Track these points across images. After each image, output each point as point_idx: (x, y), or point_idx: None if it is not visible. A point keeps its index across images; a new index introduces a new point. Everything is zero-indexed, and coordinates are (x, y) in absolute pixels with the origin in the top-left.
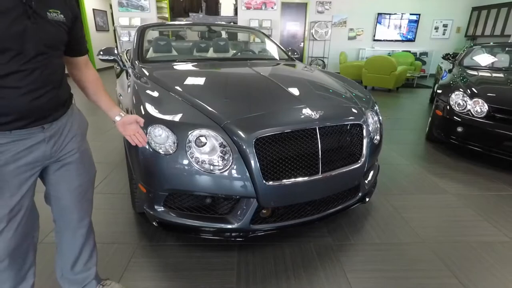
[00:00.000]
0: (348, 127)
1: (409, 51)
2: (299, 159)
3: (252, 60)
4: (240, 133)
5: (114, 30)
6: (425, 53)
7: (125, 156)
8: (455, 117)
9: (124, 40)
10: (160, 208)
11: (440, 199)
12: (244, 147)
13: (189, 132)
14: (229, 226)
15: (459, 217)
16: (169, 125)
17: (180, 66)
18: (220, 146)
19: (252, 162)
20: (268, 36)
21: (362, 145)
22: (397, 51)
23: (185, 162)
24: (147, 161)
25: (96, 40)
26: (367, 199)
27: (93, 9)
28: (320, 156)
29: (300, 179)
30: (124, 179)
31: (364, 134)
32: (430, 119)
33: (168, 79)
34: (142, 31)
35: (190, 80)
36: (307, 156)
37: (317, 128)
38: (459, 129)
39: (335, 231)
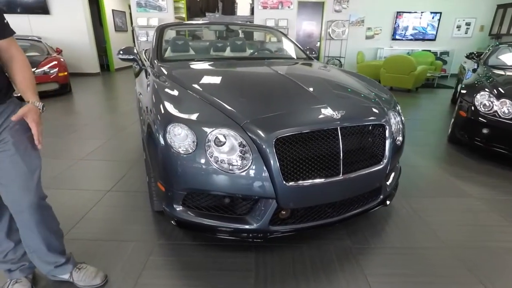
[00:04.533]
0: (370, 127)
1: (429, 51)
2: (319, 159)
3: (271, 59)
4: (260, 132)
5: (132, 30)
6: (446, 53)
7: (144, 154)
8: (480, 118)
9: (142, 40)
10: (179, 207)
11: (463, 203)
12: (264, 147)
13: (209, 131)
14: (248, 227)
15: (483, 221)
16: (189, 124)
17: (199, 65)
18: (239, 146)
19: (272, 162)
20: (286, 35)
21: (384, 146)
22: (416, 51)
23: (204, 161)
24: (166, 160)
25: (115, 40)
26: (388, 202)
27: (113, 10)
28: (341, 157)
29: (320, 180)
30: (141, 177)
31: (387, 134)
32: (452, 120)
33: (187, 78)
34: (161, 30)
35: (208, 79)
36: (327, 157)
37: (338, 128)
38: (485, 130)
39: (354, 234)
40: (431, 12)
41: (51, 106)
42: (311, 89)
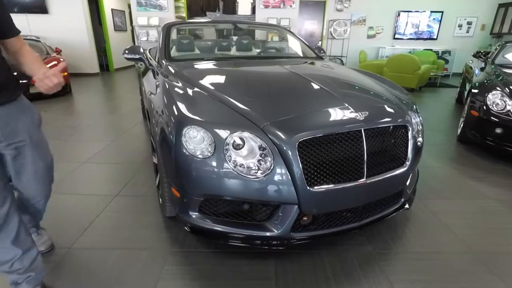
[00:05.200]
0: (394, 128)
1: (431, 50)
2: (343, 163)
3: (282, 59)
4: (282, 135)
5: (132, 30)
6: (448, 52)
7: (152, 156)
8: (493, 118)
9: (143, 40)
10: (195, 214)
11: (481, 204)
12: (286, 150)
13: (228, 134)
14: (268, 234)
15: (506, 224)
16: (206, 126)
17: (210, 65)
18: (259, 149)
19: (295, 166)
20: (295, 34)
21: (407, 147)
22: (418, 50)
23: (223, 165)
24: (182, 164)
25: (114, 39)
26: (406, 206)
27: (112, 9)
28: (365, 160)
29: (344, 184)
30: (149, 180)
31: (409, 136)
32: (462, 119)
33: (199, 78)
34: (168, 29)
35: (221, 79)
36: (351, 160)
37: (362, 130)
38: (498, 130)
39: (374, 239)
40: (433, 11)
41: (51, 107)
42: (330, 89)
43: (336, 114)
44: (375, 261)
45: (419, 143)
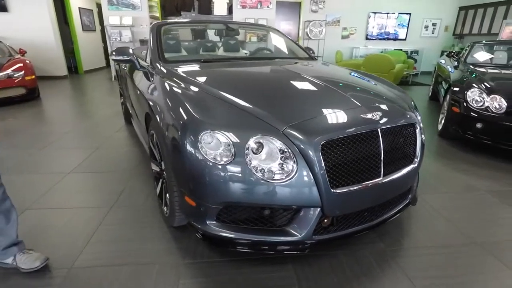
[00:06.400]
0: (404, 127)
1: (401, 50)
2: (361, 163)
3: (282, 59)
4: (304, 138)
5: (101, 30)
6: (416, 51)
7: (152, 164)
8: (473, 114)
9: (116, 41)
10: (213, 223)
11: (475, 197)
12: (308, 152)
13: (248, 139)
14: (290, 239)
15: (500, 214)
16: (224, 130)
17: (213, 66)
18: (280, 153)
19: (317, 169)
20: (286, 36)
21: (415, 145)
22: (389, 50)
23: (244, 171)
24: (198, 171)
25: (83, 40)
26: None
27: (79, 8)
28: (382, 159)
29: (364, 184)
30: (145, 189)
31: (417, 133)
32: (442, 115)
33: (204, 80)
34: (158, 28)
35: (229, 81)
36: (369, 160)
37: (379, 130)
38: (479, 125)
39: (384, 236)
40: (401, 13)
41: (20, 113)
42: (340, 90)
43: (353, 115)
44: (390, 258)
45: (423, 140)
